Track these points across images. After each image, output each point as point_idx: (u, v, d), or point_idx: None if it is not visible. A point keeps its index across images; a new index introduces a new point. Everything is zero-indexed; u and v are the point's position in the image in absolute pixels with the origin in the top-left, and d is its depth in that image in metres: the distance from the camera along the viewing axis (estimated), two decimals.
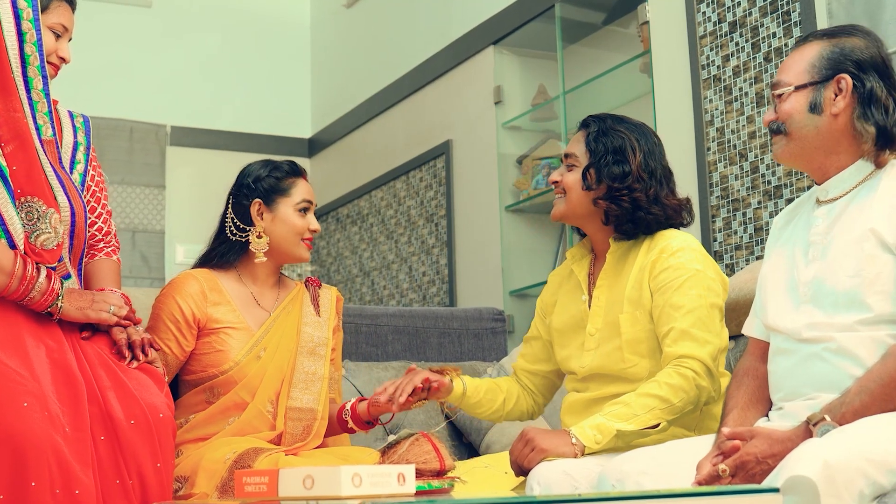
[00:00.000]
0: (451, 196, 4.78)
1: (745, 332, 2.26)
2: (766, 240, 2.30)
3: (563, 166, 2.50)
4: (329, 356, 2.66)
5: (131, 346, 2.30)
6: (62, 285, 2.25)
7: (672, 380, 2.24)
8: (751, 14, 3.32)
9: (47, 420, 2.02)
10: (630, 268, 2.42)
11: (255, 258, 2.64)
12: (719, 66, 3.41)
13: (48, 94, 2.31)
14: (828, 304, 2.00)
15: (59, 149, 2.39)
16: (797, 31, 3.14)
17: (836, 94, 2.05)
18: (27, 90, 2.25)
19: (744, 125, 3.31)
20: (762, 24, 3.27)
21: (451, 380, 2.50)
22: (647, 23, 3.73)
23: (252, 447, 2.37)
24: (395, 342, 3.58)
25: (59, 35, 2.37)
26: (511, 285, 4.38)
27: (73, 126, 2.48)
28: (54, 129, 2.35)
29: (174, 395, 2.52)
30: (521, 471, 2.27)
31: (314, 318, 2.69)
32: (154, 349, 2.35)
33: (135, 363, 2.29)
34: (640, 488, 1.93)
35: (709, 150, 3.43)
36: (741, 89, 3.32)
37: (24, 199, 2.22)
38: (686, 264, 2.34)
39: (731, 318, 2.57)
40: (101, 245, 2.52)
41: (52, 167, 2.28)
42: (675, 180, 2.48)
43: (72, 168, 2.43)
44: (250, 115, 6.08)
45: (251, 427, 2.52)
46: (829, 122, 2.06)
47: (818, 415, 1.87)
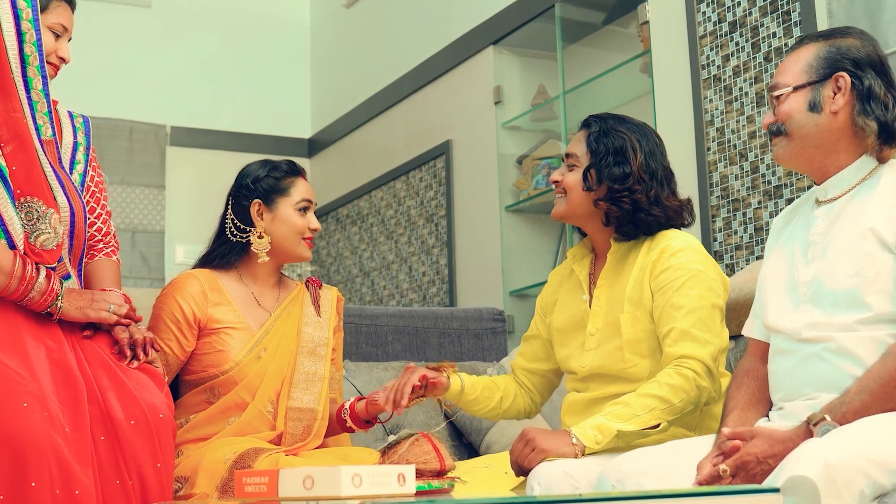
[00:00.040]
0: (451, 196, 4.78)
1: (745, 333, 2.26)
2: (766, 240, 2.30)
3: (563, 166, 2.50)
4: (329, 356, 2.66)
5: (133, 344, 2.30)
6: (62, 285, 2.25)
7: (672, 380, 2.24)
8: (751, 14, 3.32)
9: (47, 420, 2.02)
10: (631, 268, 2.41)
11: (258, 258, 2.64)
12: (719, 66, 3.41)
13: (48, 95, 2.30)
14: (827, 304, 2.00)
15: (58, 149, 2.39)
16: (797, 31, 3.14)
17: (835, 93, 2.05)
18: (27, 90, 2.25)
19: (744, 125, 3.31)
20: (762, 24, 3.27)
21: (448, 377, 2.50)
22: (647, 23, 3.73)
23: (252, 447, 2.37)
24: (395, 342, 3.57)
25: (58, 35, 2.36)
26: (511, 285, 4.38)
27: (73, 126, 2.48)
28: (54, 129, 2.35)
29: (174, 395, 2.52)
30: (522, 471, 2.27)
31: (315, 319, 2.69)
32: (154, 349, 2.35)
33: (135, 363, 2.28)
34: (640, 488, 1.93)
35: (709, 150, 3.42)
36: (741, 89, 3.32)
37: (23, 200, 2.22)
38: (687, 265, 2.34)
39: (731, 318, 2.57)
40: (101, 245, 2.52)
41: (52, 167, 2.28)
42: (676, 181, 2.48)
43: (71, 168, 2.43)
44: (250, 115, 6.08)
45: (251, 427, 2.52)
46: (829, 121, 2.06)
47: (818, 415, 1.86)
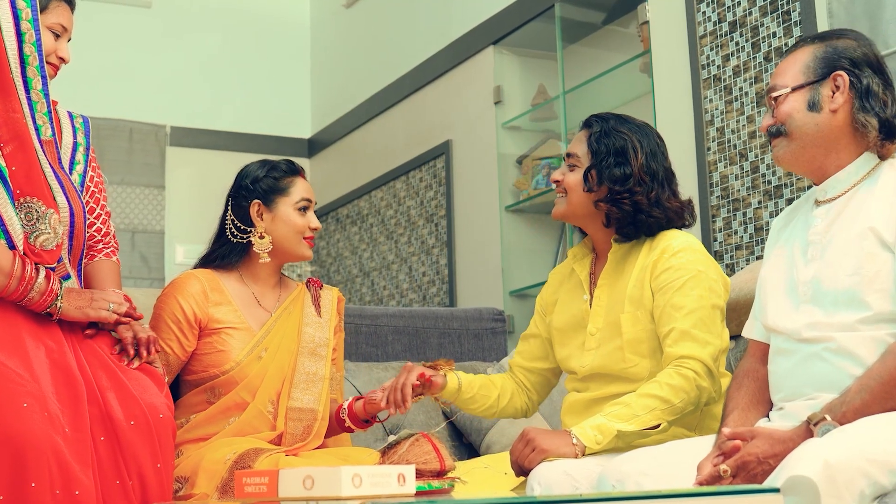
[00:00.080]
0: (451, 196, 4.78)
1: (744, 334, 2.26)
2: (766, 240, 2.30)
3: (564, 165, 2.50)
4: (330, 357, 2.66)
5: (138, 343, 2.30)
6: (61, 285, 2.25)
7: (673, 380, 2.24)
8: (751, 14, 3.31)
9: (47, 421, 2.02)
10: (631, 267, 2.41)
11: (259, 259, 2.64)
12: (719, 66, 3.41)
13: (47, 95, 2.30)
14: (827, 304, 2.00)
15: (58, 149, 2.38)
16: (797, 31, 3.14)
17: (834, 91, 2.06)
18: (26, 91, 2.25)
19: (744, 125, 3.31)
20: (762, 24, 3.27)
21: (445, 374, 2.50)
22: (647, 23, 3.73)
23: (252, 447, 2.37)
24: (395, 342, 3.57)
25: (58, 35, 2.36)
26: (511, 285, 4.38)
27: (73, 127, 2.48)
28: (54, 129, 2.35)
29: (174, 395, 2.52)
30: (522, 471, 2.27)
31: (315, 319, 2.69)
32: (155, 349, 2.34)
33: (136, 362, 2.28)
34: (640, 489, 1.92)
35: (709, 150, 3.42)
36: (741, 89, 3.32)
37: (23, 200, 2.22)
38: (688, 265, 2.34)
39: (731, 318, 2.57)
40: (101, 246, 2.52)
41: (52, 168, 2.28)
42: (677, 181, 2.48)
43: (71, 169, 2.43)
44: (250, 115, 6.08)
45: (251, 427, 2.52)
46: (829, 119, 2.06)
47: (819, 414, 1.86)
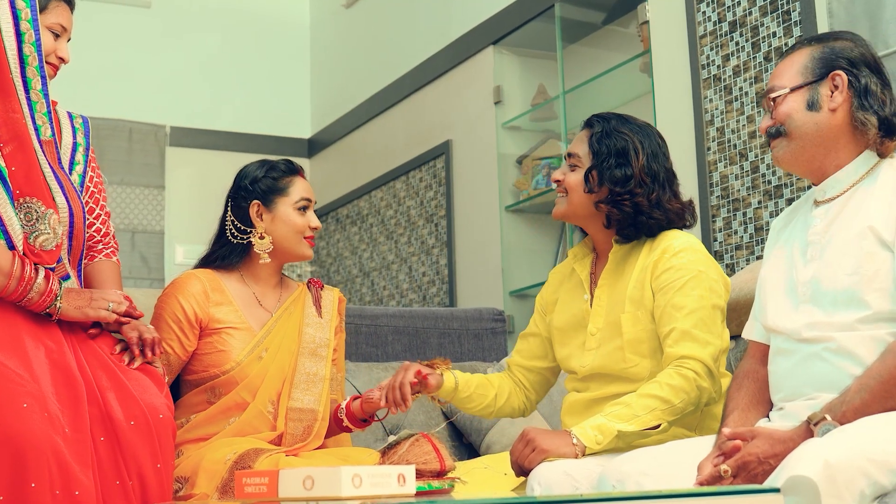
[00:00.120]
0: (450, 196, 4.78)
1: (744, 335, 2.26)
2: (766, 241, 2.30)
3: (565, 165, 2.50)
4: (330, 357, 2.66)
5: (143, 344, 2.30)
6: (60, 286, 2.25)
7: (673, 380, 2.24)
8: (751, 14, 3.31)
9: (47, 421, 2.02)
10: (632, 267, 2.41)
11: (260, 259, 2.64)
12: (719, 66, 3.41)
13: (47, 95, 2.30)
14: (827, 303, 2.00)
15: (58, 149, 2.38)
16: (797, 31, 3.14)
17: (833, 91, 2.07)
18: (26, 91, 2.25)
19: (744, 125, 3.31)
20: (762, 24, 3.27)
21: (442, 373, 2.49)
22: (646, 22, 3.73)
23: (252, 448, 2.37)
24: (395, 343, 3.57)
25: (57, 35, 2.36)
26: (511, 285, 4.38)
27: (73, 127, 2.48)
28: (53, 129, 2.35)
29: (175, 395, 2.52)
30: (522, 471, 2.27)
31: (316, 319, 2.68)
32: (159, 351, 2.34)
33: (136, 362, 2.28)
34: (640, 489, 1.92)
35: (709, 150, 3.42)
36: (741, 89, 3.32)
37: (22, 200, 2.22)
38: (688, 265, 2.34)
39: (731, 318, 2.57)
40: (101, 246, 2.52)
41: (51, 168, 2.28)
42: (678, 182, 2.48)
43: (71, 169, 2.43)
44: (250, 115, 6.08)
45: (252, 427, 2.52)
46: (828, 118, 2.07)
47: (819, 414, 1.86)
